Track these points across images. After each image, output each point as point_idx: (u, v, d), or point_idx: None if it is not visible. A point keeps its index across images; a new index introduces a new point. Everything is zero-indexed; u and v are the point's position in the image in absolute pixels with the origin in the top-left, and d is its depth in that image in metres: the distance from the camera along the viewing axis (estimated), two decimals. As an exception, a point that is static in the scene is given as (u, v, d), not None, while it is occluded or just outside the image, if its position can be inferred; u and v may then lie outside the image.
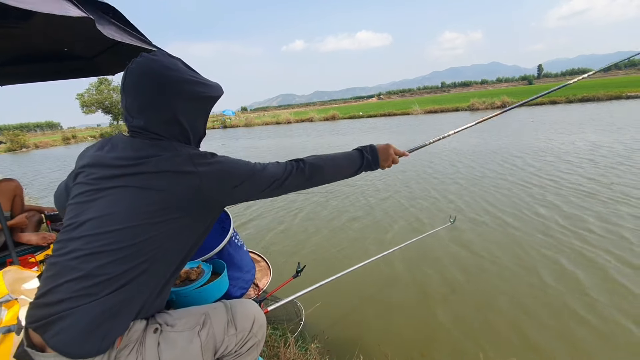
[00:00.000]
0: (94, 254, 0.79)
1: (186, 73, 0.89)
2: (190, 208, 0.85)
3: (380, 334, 2.35)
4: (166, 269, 0.87)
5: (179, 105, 0.88)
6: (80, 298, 0.76)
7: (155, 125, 0.88)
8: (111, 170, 0.86)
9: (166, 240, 0.84)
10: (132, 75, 0.86)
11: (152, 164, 0.83)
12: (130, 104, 0.88)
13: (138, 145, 0.86)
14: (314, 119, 31.32)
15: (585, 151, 7.31)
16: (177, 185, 0.82)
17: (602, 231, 3.50)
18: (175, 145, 0.88)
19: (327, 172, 1.05)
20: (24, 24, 1.37)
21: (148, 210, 0.81)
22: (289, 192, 1.01)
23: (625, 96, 20.56)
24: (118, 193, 0.83)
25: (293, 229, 4.47)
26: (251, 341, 1.05)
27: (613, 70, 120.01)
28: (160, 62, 0.87)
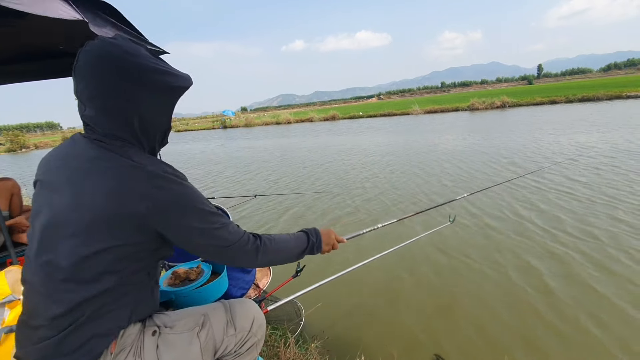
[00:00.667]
0: (51, 273, 0.76)
1: (150, 60, 0.78)
2: (131, 234, 0.76)
3: (382, 334, 2.35)
4: (137, 279, 0.83)
5: (139, 94, 0.77)
6: (54, 323, 0.75)
7: (109, 118, 0.77)
8: (56, 179, 0.79)
9: (118, 263, 0.77)
10: (87, 57, 0.75)
11: (96, 176, 0.74)
12: (81, 90, 0.76)
13: (87, 152, 0.77)
14: (314, 119, 31.32)
15: (572, 151, 7.31)
16: (120, 209, 0.73)
17: (576, 232, 3.54)
18: (128, 151, 0.77)
19: (276, 258, 0.98)
20: (18, 22, 1.37)
21: (88, 234, 0.74)
22: (233, 263, 0.92)
23: (625, 96, 20.57)
24: (68, 208, 0.75)
25: (294, 229, 4.46)
26: (250, 341, 1.04)
27: (613, 70, 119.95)
28: (120, 47, 0.76)
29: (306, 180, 7.40)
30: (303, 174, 8.05)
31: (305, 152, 12.01)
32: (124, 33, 1.48)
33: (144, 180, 0.74)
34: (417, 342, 2.25)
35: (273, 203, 5.63)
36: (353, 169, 8.01)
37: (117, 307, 0.80)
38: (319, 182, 7.07)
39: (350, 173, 7.59)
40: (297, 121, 32.58)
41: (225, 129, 34.91)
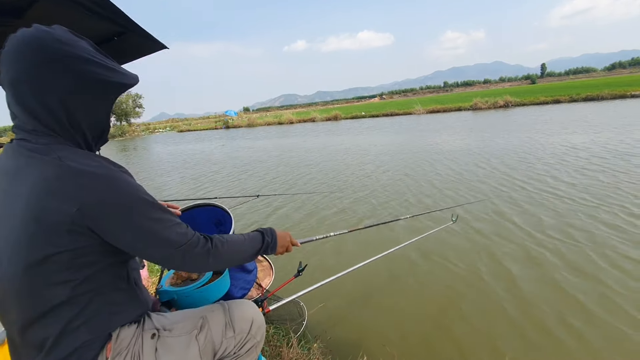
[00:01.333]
0: (11, 294, 0.74)
1: (84, 51, 0.72)
2: (69, 239, 0.70)
3: (384, 334, 2.34)
4: (99, 284, 0.78)
5: (66, 84, 0.70)
6: (30, 342, 0.76)
7: (34, 108, 0.71)
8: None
9: (65, 272, 0.72)
10: (13, 41, 0.69)
11: (23, 180, 0.69)
12: (3, 76, 0.70)
13: (14, 153, 0.73)
14: (316, 119, 31.32)
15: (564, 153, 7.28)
16: (49, 212, 0.67)
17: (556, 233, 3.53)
18: (54, 149, 0.71)
19: (229, 260, 0.94)
20: (16, 22, 1.38)
21: (24, 246, 0.69)
22: (182, 268, 0.85)
23: (629, 95, 20.40)
24: (2, 219, 0.72)
25: (296, 229, 4.47)
26: (250, 343, 1.03)
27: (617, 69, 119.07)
28: (52, 35, 0.70)
29: (304, 179, 7.41)
30: (302, 173, 8.07)
31: (306, 152, 12.03)
32: (118, 24, 1.50)
33: (71, 179, 0.68)
34: (419, 342, 2.25)
35: (286, 203, 5.65)
36: (347, 168, 8.02)
37: (87, 316, 0.77)
38: (313, 181, 7.08)
39: (343, 173, 7.60)
40: (299, 121, 32.59)
41: (227, 129, 34.99)
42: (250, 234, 1.01)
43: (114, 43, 1.81)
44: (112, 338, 0.82)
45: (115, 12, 1.39)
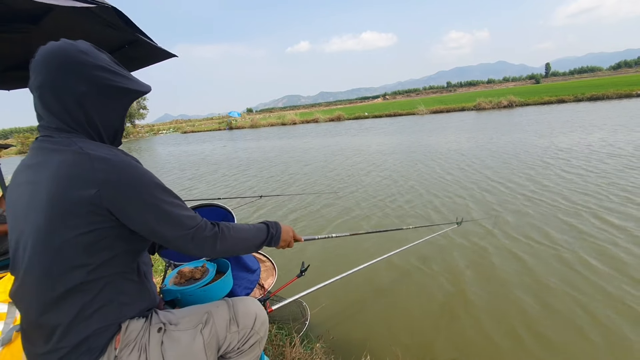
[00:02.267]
0: (31, 278, 0.78)
1: (103, 61, 0.83)
2: (88, 221, 0.76)
3: (387, 334, 2.34)
4: (112, 272, 0.83)
5: (83, 89, 0.79)
6: (45, 327, 0.79)
7: (57, 110, 0.80)
8: (20, 175, 0.83)
9: (83, 255, 0.77)
10: (42, 53, 0.79)
11: (47, 169, 0.76)
12: (32, 81, 0.80)
13: (38, 148, 0.81)
14: (320, 119, 31.34)
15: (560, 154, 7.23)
16: (71, 195, 0.74)
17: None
18: (76, 141, 0.79)
19: (235, 247, 0.97)
20: (32, 28, 1.40)
21: (47, 230, 0.75)
22: (191, 251, 0.88)
23: (635, 94, 20.20)
24: (27, 206, 0.78)
25: (298, 230, 4.48)
26: (253, 338, 1.06)
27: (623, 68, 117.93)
28: (75, 46, 0.81)
29: (306, 180, 7.42)
30: (305, 174, 8.08)
31: (302, 151, 12.05)
32: (129, 33, 1.51)
33: (89, 164, 0.75)
34: (422, 342, 2.24)
35: (287, 203, 5.67)
36: (351, 168, 8.02)
37: (99, 303, 0.81)
38: (316, 182, 7.09)
39: (335, 172, 7.60)
40: (302, 122, 32.63)
41: (231, 130, 35.12)
42: (256, 225, 1.07)
43: (124, 51, 1.84)
44: (122, 329, 0.85)
45: (127, 22, 1.41)
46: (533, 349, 2.08)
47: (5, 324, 1.15)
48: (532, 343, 2.13)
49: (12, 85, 2.37)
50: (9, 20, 1.35)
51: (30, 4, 1.25)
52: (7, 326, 1.14)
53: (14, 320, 1.16)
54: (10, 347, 1.11)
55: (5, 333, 1.12)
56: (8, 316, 1.16)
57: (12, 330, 1.13)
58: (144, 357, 0.85)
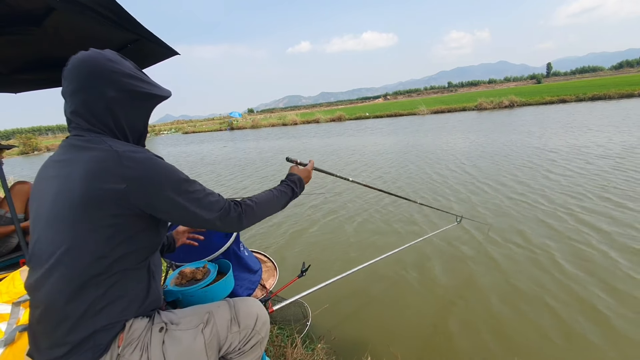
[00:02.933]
0: (52, 268, 0.80)
1: (128, 68, 0.89)
2: (114, 214, 0.80)
3: (388, 335, 2.34)
4: (126, 267, 0.86)
5: (112, 94, 0.85)
6: (60, 313, 0.80)
7: (87, 113, 0.85)
8: (48, 170, 0.87)
9: (102, 250, 0.80)
10: (73, 61, 0.86)
11: (77, 163, 0.80)
12: (65, 88, 0.86)
13: (69, 145, 0.85)
14: (320, 120, 31.35)
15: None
16: (100, 188, 0.78)
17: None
18: (105, 140, 0.84)
19: (262, 216, 1.04)
20: (34, 29, 1.41)
21: (80, 211, 0.78)
22: (222, 229, 0.94)
23: (637, 94, 20.15)
24: (53, 195, 0.81)
25: (299, 230, 4.48)
26: (254, 338, 1.06)
27: (625, 68, 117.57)
28: (103, 55, 0.87)
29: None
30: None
31: (297, 152, 12.08)
32: (133, 32, 1.52)
33: (118, 161, 0.79)
34: (422, 342, 2.24)
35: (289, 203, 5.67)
36: (355, 168, 8.03)
37: (109, 299, 0.83)
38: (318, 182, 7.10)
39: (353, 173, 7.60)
40: (303, 122, 32.64)
41: (232, 130, 35.18)
42: (280, 190, 1.15)
43: (127, 50, 1.84)
44: (126, 328, 0.86)
45: (129, 20, 1.41)
46: (548, 350, 2.08)
47: (8, 324, 1.15)
48: (546, 345, 2.12)
49: (19, 88, 2.37)
50: (11, 22, 1.36)
51: (30, 3, 1.25)
52: (10, 327, 1.14)
53: (17, 321, 1.17)
54: (12, 348, 1.12)
55: (8, 333, 1.13)
56: (11, 317, 1.17)
57: (15, 331, 1.14)
58: (145, 356, 0.86)
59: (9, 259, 1.98)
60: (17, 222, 1.83)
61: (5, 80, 2.08)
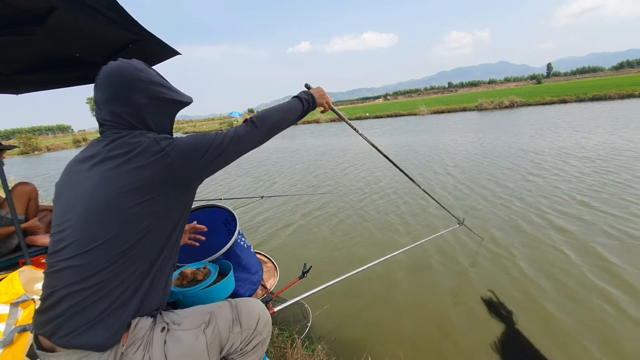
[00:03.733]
0: (85, 252, 0.81)
1: (155, 77, 0.97)
2: (168, 186, 0.87)
3: (388, 336, 2.34)
4: (155, 252, 0.89)
5: (143, 101, 0.93)
6: (81, 294, 0.80)
7: (120, 118, 0.91)
8: (84, 163, 0.89)
9: (149, 221, 0.85)
10: (105, 72, 0.92)
11: (120, 153, 0.85)
12: (99, 97, 0.92)
13: (106, 140, 0.90)
14: (321, 120, 31.37)
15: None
16: (150, 168, 0.85)
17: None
18: (139, 132, 0.91)
19: (276, 119, 1.10)
20: (36, 30, 1.40)
21: (125, 199, 0.82)
22: (250, 145, 1.04)
23: (638, 94, 20.14)
24: (94, 185, 0.84)
25: (300, 231, 4.48)
26: (256, 339, 1.06)
27: (625, 68, 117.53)
28: (132, 65, 0.94)
29: (309, 180, 7.43)
30: (308, 173, 8.09)
31: (309, 153, 12.08)
32: (134, 32, 1.51)
33: (157, 142, 0.88)
34: (423, 343, 2.24)
35: (290, 203, 5.70)
36: (354, 169, 8.02)
37: (129, 292, 0.84)
38: (321, 182, 7.10)
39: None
40: (303, 122, 32.68)
41: (232, 130, 35.16)
42: (288, 103, 1.19)
43: (129, 50, 1.83)
44: (131, 327, 0.86)
45: (130, 21, 1.40)
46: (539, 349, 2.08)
47: (6, 325, 1.14)
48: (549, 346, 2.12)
49: (20, 89, 2.36)
50: (13, 22, 1.35)
51: (32, 2, 1.24)
52: (8, 327, 1.14)
53: (15, 322, 1.16)
54: (11, 349, 1.11)
55: (7, 334, 1.12)
56: (10, 317, 1.16)
57: (13, 332, 1.13)
58: (147, 356, 0.86)
59: (8, 259, 1.97)
60: (18, 223, 1.83)
61: (6, 81, 2.08)
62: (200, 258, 1.47)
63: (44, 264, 1.96)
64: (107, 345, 0.81)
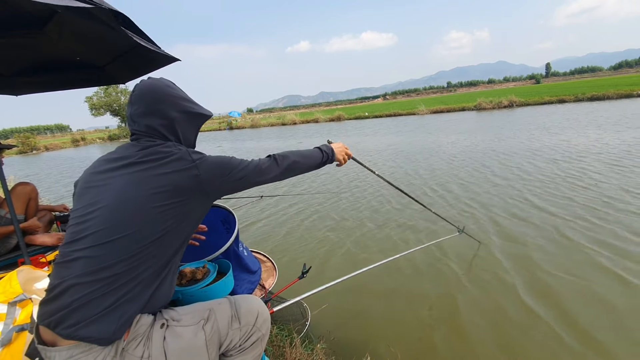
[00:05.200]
0: (105, 243, 0.84)
1: (181, 92, 1.08)
2: (192, 194, 0.94)
3: (388, 335, 2.34)
4: (169, 253, 0.93)
5: (174, 114, 1.03)
6: (93, 285, 0.81)
7: (154, 130, 1.00)
8: (115, 163, 0.94)
9: (169, 223, 0.91)
10: (139, 89, 1.03)
11: (155, 158, 0.93)
12: (135, 111, 1.01)
13: (141, 145, 0.97)
14: (320, 120, 31.35)
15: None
16: (180, 175, 0.92)
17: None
18: (172, 144, 1.00)
19: (293, 161, 1.17)
20: (36, 33, 1.40)
21: (153, 199, 0.88)
22: (267, 178, 1.12)
23: (636, 94, 20.19)
24: (123, 185, 0.89)
25: (299, 231, 4.48)
26: (255, 335, 1.07)
27: (624, 68, 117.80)
28: (162, 82, 1.06)
29: (309, 179, 7.44)
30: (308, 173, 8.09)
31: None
32: (137, 44, 1.51)
33: (189, 154, 0.97)
34: (422, 343, 2.24)
35: (291, 204, 5.72)
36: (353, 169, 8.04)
37: (141, 287, 0.87)
38: (321, 181, 7.10)
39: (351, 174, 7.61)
40: (302, 122, 32.64)
41: (231, 130, 35.15)
42: (309, 150, 1.29)
43: (129, 56, 1.83)
44: (133, 322, 0.88)
45: (130, 26, 1.40)
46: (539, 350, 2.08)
47: (4, 324, 1.14)
48: (546, 344, 2.12)
49: (20, 90, 2.35)
50: (14, 25, 1.35)
51: (30, 5, 1.24)
52: (6, 327, 1.14)
53: (13, 321, 1.16)
54: (10, 348, 1.11)
55: (5, 334, 1.12)
56: (8, 317, 1.16)
57: (11, 331, 1.13)
58: (147, 352, 0.87)
59: (6, 259, 1.97)
60: (17, 222, 1.82)
61: (7, 83, 2.08)
62: (199, 257, 1.47)
63: (42, 264, 1.96)
64: (111, 339, 0.82)
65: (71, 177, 11.84)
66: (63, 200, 7.97)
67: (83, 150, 28.23)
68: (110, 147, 28.16)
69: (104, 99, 43.01)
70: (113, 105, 42.73)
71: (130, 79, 2.29)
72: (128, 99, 1.06)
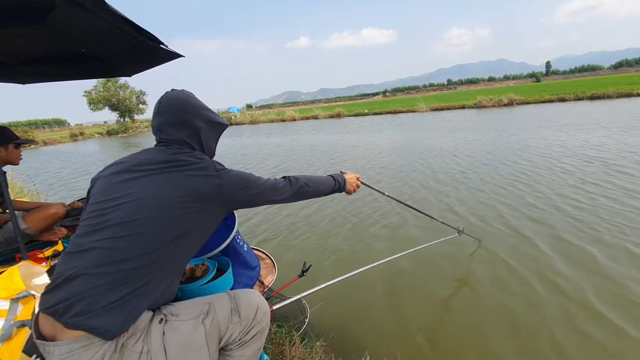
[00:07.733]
0: (125, 236, 0.87)
1: (203, 103, 1.16)
2: (212, 201, 1.00)
3: (388, 334, 2.35)
4: (185, 255, 0.98)
5: (199, 124, 1.10)
6: (109, 276, 0.82)
7: (181, 139, 1.07)
8: (143, 166, 0.98)
9: (189, 225, 0.95)
10: (166, 100, 1.10)
11: (182, 163, 1.00)
12: (162, 122, 1.08)
13: (170, 151, 1.04)
14: (319, 116, 31.27)
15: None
16: (204, 181, 0.99)
17: None
18: (199, 153, 1.07)
19: (305, 183, 1.24)
20: (40, 23, 1.39)
21: (177, 200, 0.93)
22: (279, 202, 1.19)
23: (635, 94, 20.20)
24: (151, 184, 0.95)
25: (300, 228, 4.48)
26: (255, 329, 1.07)
27: (624, 67, 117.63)
28: (186, 94, 1.13)
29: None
30: (308, 168, 8.08)
31: (308, 148, 12.06)
32: (142, 40, 1.51)
33: (214, 164, 1.04)
34: (422, 341, 2.25)
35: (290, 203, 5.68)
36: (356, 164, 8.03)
37: (157, 281, 0.90)
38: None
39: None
40: (302, 118, 32.53)
41: (230, 125, 34.96)
42: (322, 177, 1.36)
43: (131, 52, 1.82)
44: (144, 311, 0.89)
45: (131, 23, 1.39)
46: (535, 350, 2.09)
47: (6, 320, 1.14)
48: (539, 346, 2.14)
49: (26, 79, 2.36)
50: (15, 16, 1.35)
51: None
52: (7, 323, 1.14)
53: (14, 317, 1.16)
54: (9, 344, 1.11)
55: (6, 329, 1.12)
56: (9, 313, 1.16)
57: (12, 327, 1.13)
58: (146, 347, 0.87)
59: (4, 253, 1.97)
60: (17, 222, 1.82)
61: (14, 72, 2.08)
62: (198, 254, 1.47)
63: (40, 259, 1.96)
64: (117, 333, 0.82)
65: (70, 173, 11.81)
66: (61, 195, 7.95)
67: (81, 145, 28.11)
68: (109, 143, 28.08)
69: (102, 94, 42.79)
70: (111, 99, 42.51)
71: (136, 72, 2.27)
72: (154, 110, 1.12)
